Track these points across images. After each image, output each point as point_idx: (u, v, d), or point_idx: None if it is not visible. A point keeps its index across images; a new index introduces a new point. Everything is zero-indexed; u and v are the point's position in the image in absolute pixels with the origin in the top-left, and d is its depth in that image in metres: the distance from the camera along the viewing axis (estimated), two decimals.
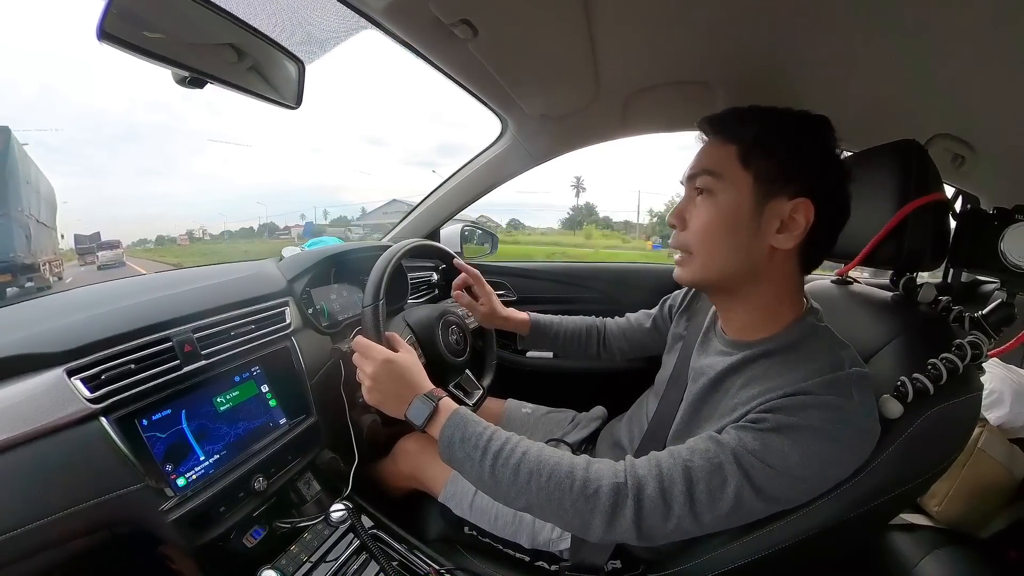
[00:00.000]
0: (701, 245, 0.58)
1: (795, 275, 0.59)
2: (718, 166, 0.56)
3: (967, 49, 0.66)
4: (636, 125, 1.17)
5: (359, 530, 0.73)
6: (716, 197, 0.56)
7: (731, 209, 0.55)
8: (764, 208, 0.54)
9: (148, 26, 0.53)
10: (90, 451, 0.55)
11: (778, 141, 0.55)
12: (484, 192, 1.39)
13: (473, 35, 0.71)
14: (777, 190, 0.54)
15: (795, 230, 0.54)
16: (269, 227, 66.41)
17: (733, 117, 0.58)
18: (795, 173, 0.54)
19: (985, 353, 0.55)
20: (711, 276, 0.59)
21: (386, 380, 0.62)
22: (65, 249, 26.42)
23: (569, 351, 1.01)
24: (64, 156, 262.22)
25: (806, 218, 0.53)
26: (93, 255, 22.12)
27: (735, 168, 0.55)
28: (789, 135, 0.55)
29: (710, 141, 0.60)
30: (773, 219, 0.54)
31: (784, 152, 0.54)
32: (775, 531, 0.53)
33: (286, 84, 0.72)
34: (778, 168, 0.54)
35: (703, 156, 0.59)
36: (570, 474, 0.51)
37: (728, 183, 0.55)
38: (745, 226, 0.55)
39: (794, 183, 0.54)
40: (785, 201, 0.54)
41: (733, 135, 0.57)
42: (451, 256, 0.98)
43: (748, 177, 0.55)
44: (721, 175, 0.56)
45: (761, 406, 0.50)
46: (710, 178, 0.57)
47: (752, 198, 0.54)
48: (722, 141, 0.57)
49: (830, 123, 0.56)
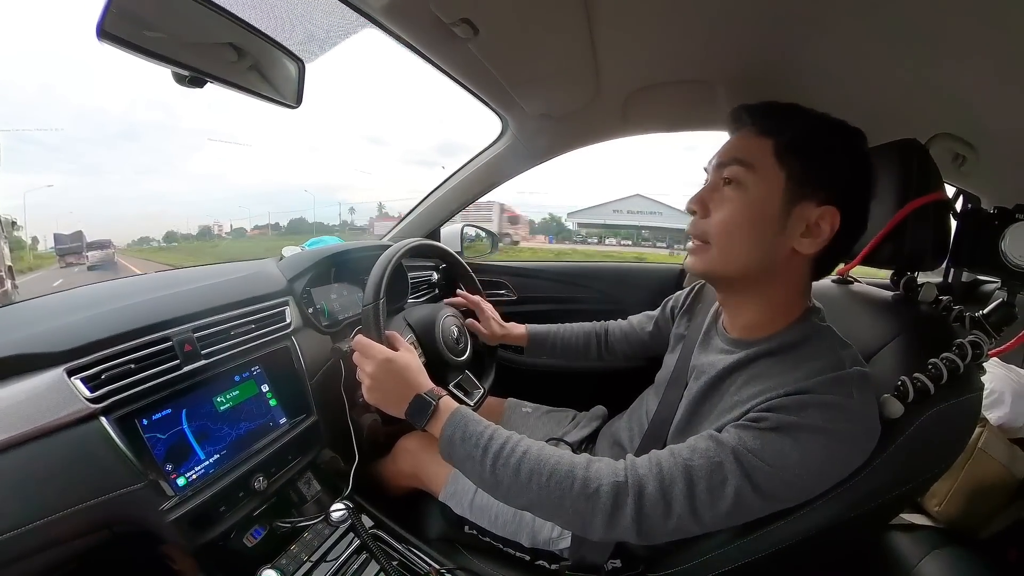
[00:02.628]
0: (721, 236, 0.57)
1: (806, 279, 0.59)
2: (752, 157, 0.55)
3: (968, 48, 0.66)
4: (637, 124, 1.17)
5: (359, 529, 0.73)
6: (746, 189, 0.55)
7: (760, 204, 0.54)
8: (792, 210, 0.54)
9: (148, 25, 0.53)
10: (90, 451, 0.55)
11: (816, 144, 0.54)
12: (484, 191, 1.38)
13: (474, 34, 0.71)
14: (808, 194, 0.53)
15: (819, 237, 0.54)
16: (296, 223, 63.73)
17: (773, 110, 0.57)
18: (828, 180, 0.53)
19: (986, 353, 0.55)
20: (726, 270, 0.58)
21: (386, 379, 0.62)
22: (45, 251, 24.52)
23: (569, 358, 1.02)
24: (64, 155, 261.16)
25: (831, 226, 0.53)
26: (77, 255, 20.25)
27: (770, 162, 0.54)
28: (828, 140, 0.54)
29: (744, 131, 0.58)
30: (799, 222, 0.54)
31: (820, 156, 0.54)
32: (775, 531, 0.53)
33: (286, 83, 0.72)
34: (812, 171, 0.53)
35: (735, 145, 0.58)
36: (570, 473, 0.51)
37: (760, 177, 0.54)
38: (770, 224, 0.54)
39: (825, 190, 0.53)
40: (814, 207, 0.53)
41: (771, 128, 0.55)
42: (451, 255, 0.98)
43: (781, 174, 0.54)
44: (754, 167, 0.55)
45: (761, 405, 0.50)
46: (742, 168, 0.55)
47: (782, 197, 0.54)
48: (758, 133, 0.56)
49: (866, 137, 0.56)
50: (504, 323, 0.99)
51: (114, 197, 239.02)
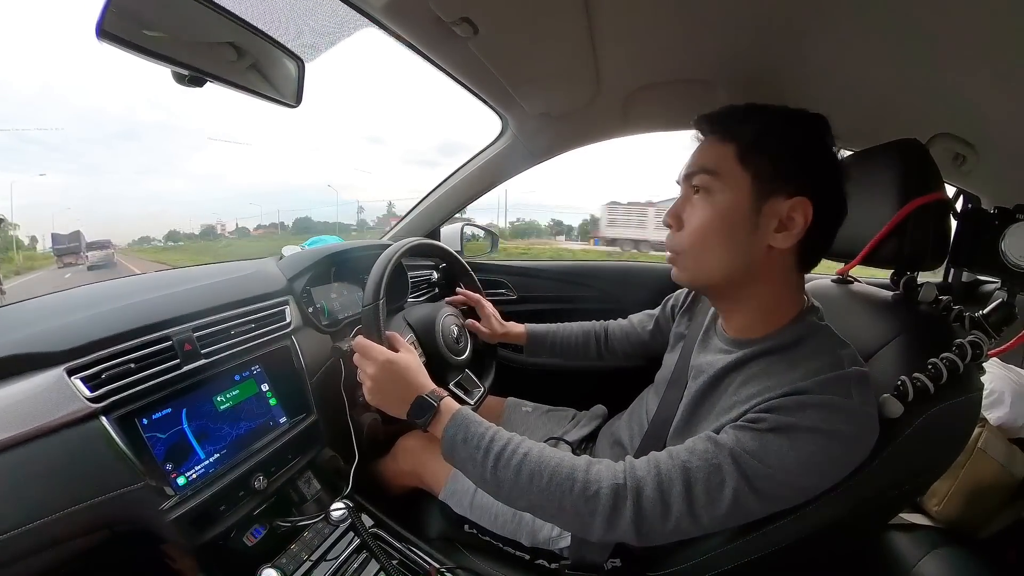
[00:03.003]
0: (696, 245, 0.58)
1: (793, 274, 0.59)
2: (716, 164, 0.56)
3: (968, 48, 0.66)
4: (637, 123, 1.17)
5: (359, 529, 0.73)
6: (713, 196, 0.56)
7: (729, 208, 0.55)
8: (762, 207, 0.54)
9: (147, 25, 0.53)
10: (90, 450, 0.55)
11: (777, 140, 0.54)
12: (484, 191, 1.38)
13: (474, 33, 0.71)
14: (776, 189, 0.53)
15: (793, 229, 0.54)
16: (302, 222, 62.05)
17: (731, 115, 0.58)
18: (793, 172, 0.53)
19: (985, 353, 0.55)
20: (708, 277, 0.59)
21: (387, 381, 0.62)
22: (44, 251, 23.94)
23: (568, 357, 1.03)
24: (64, 154, 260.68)
25: (804, 217, 0.53)
26: (75, 256, 20.05)
27: (733, 167, 0.55)
28: (788, 134, 0.55)
29: (707, 140, 0.59)
30: (771, 218, 0.54)
31: (783, 151, 0.54)
32: (775, 531, 0.53)
33: (286, 82, 0.72)
34: (777, 167, 0.54)
35: (700, 154, 0.59)
36: (570, 476, 0.51)
37: (726, 182, 0.55)
38: (742, 226, 0.55)
39: (792, 182, 0.53)
40: (783, 200, 0.53)
41: (731, 134, 0.56)
42: (451, 255, 0.98)
43: (747, 176, 0.54)
44: (719, 173, 0.55)
45: (759, 405, 0.50)
46: (708, 177, 0.56)
47: (750, 197, 0.54)
48: (720, 140, 0.57)
49: (827, 122, 0.56)
50: (504, 322, 1.00)
51: (114, 196, 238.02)
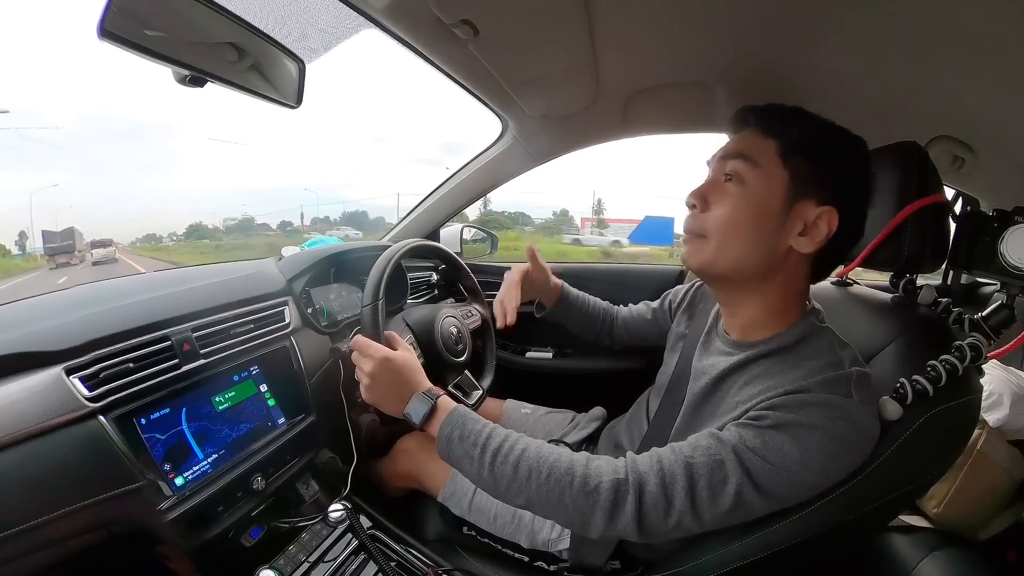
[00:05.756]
0: (721, 231, 0.57)
1: (803, 281, 0.59)
2: (757, 155, 0.56)
3: (967, 51, 0.66)
4: (637, 126, 1.17)
5: (358, 530, 0.73)
6: (748, 186, 0.55)
7: (761, 201, 0.55)
8: (792, 208, 0.54)
9: (148, 24, 0.53)
10: (88, 450, 0.55)
11: (822, 147, 0.55)
12: (484, 192, 1.39)
13: (474, 35, 0.71)
14: (809, 193, 0.54)
15: (816, 236, 0.54)
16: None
17: (779, 112, 0.58)
18: (829, 181, 0.54)
19: (984, 355, 0.55)
20: (724, 266, 0.58)
21: (384, 378, 0.62)
22: (35, 252, 21.18)
23: (580, 328, 1.00)
24: (65, 153, 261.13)
25: (829, 226, 0.54)
26: (70, 255, 18.13)
27: (774, 161, 0.55)
28: (833, 144, 0.56)
29: (749, 131, 0.59)
30: (798, 220, 0.54)
31: (824, 158, 0.54)
32: (774, 532, 0.53)
33: (286, 83, 0.72)
34: (816, 171, 0.54)
35: (741, 142, 0.58)
36: (570, 470, 0.51)
37: (763, 174, 0.55)
38: (770, 221, 0.55)
39: (826, 190, 0.54)
40: (813, 206, 0.54)
41: (776, 130, 0.56)
42: (451, 256, 0.98)
43: (785, 174, 0.54)
44: (758, 164, 0.55)
45: (762, 404, 0.50)
46: (745, 164, 0.56)
47: (784, 195, 0.54)
48: (763, 134, 0.57)
49: (867, 145, 0.57)
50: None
51: (117, 194, 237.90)
